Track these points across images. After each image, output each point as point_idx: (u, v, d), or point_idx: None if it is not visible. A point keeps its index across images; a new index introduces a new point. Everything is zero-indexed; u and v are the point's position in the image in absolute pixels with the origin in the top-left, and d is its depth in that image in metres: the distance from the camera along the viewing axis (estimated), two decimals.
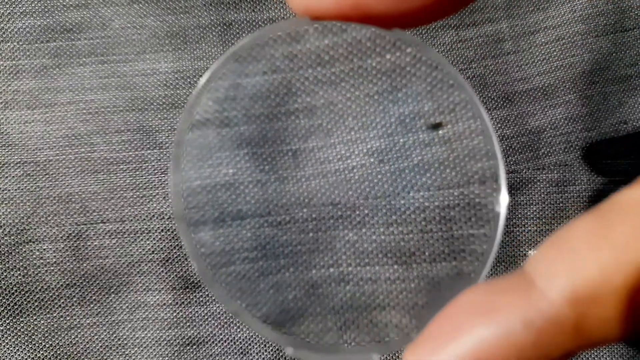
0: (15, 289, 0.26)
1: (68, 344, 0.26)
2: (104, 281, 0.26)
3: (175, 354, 0.26)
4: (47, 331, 0.26)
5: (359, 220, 0.19)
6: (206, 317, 0.26)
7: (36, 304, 0.26)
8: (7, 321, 0.26)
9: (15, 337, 0.26)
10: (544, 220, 0.27)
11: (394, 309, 0.18)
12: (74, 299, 0.26)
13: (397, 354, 0.23)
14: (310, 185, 0.20)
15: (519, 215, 0.27)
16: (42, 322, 0.26)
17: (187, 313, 0.26)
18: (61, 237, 0.26)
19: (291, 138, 0.21)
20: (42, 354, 0.26)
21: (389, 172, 0.19)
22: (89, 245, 0.26)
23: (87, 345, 0.26)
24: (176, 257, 0.26)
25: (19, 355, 0.26)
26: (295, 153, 0.22)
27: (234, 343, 0.26)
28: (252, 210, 0.19)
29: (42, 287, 0.26)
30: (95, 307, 0.26)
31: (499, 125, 0.27)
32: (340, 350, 0.16)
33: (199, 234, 0.19)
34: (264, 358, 0.26)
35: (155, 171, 0.27)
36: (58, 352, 0.26)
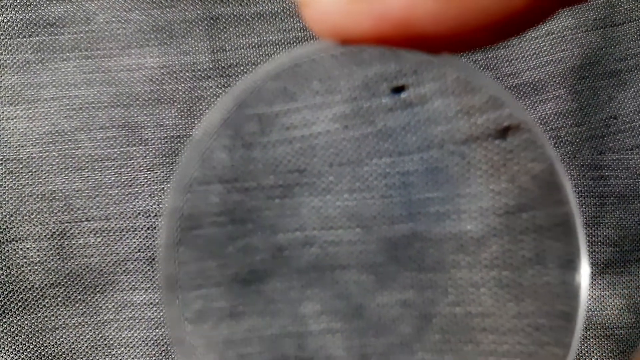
0: None
1: (53, 345, 0.25)
2: (89, 280, 0.26)
3: (163, 354, 0.25)
4: (31, 331, 0.25)
5: (324, 187, 0.19)
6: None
7: (20, 304, 0.25)
8: None
9: None
10: None
11: (354, 267, 0.19)
12: (59, 299, 0.25)
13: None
14: (277, 152, 0.21)
15: None
16: (26, 322, 0.25)
17: None
18: (45, 235, 0.26)
19: (256, 102, 0.21)
20: (27, 354, 0.25)
21: (353, 139, 0.19)
22: (74, 243, 0.26)
23: (73, 346, 0.25)
24: None
25: (2, 356, 0.25)
26: (261, 118, 0.22)
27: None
28: (218, 176, 0.20)
29: (25, 286, 0.25)
30: (81, 307, 0.25)
31: None
32: None
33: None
34: None
35: (141, 168, 0.26)
36: (43, 353, 0.25)
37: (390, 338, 0.19)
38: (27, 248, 0.25)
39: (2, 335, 0.25)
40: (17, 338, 0.25)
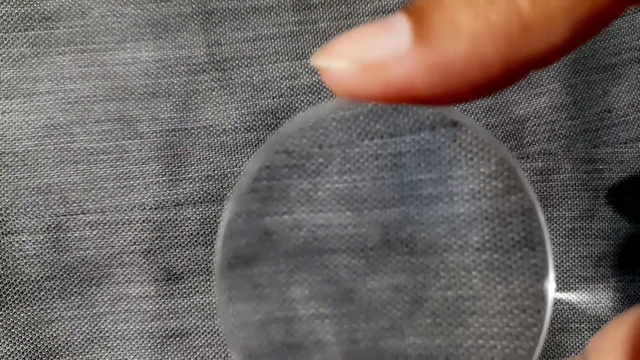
0: None
1: (48, 337, 0.25)
2: (84, 273, 0.26)
3: (158, 346, 0.26)
4: (26, 324, 0.25)
5: (313, 169, 0.19)
6: (189, 308, 0.26)
7: (15, 296, 0.25)
8: None
9: None
10: None
11: (344, 252, 0.19)
12: (54, 292, 0.26)
13: None
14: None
15: None
16: (21, 315, 0.25)
17: (169, 305, 0.26)
18: (40, 228, 0.26)
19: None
20: (22, 347, 0.25)
21: (343, 119, 0.19)
22: (69, 236, 0.26)
23: (68, 338, 0.25)
24: (158, 248, 0.26)
25: None
26: None
27: (217, 335, 0.26)
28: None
29: (21, 279, 0.25)
30: (76, 300, 0.26)
31: (483, 114, 0.27)
32: None
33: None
34: None
35: (136, 161, 0.26)
36: (38, 346, 0.25)
37: (380, 322, 0.19)
38: (23, 241, 0.26)
39: None
40: (12, 331, 0.25)
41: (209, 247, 0.26)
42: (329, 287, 0.19)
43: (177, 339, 0.26)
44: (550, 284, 0.16)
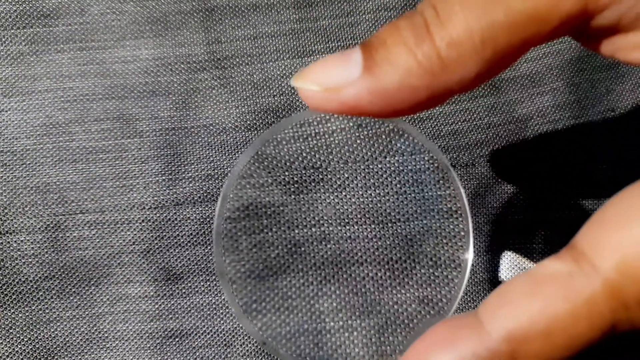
0: None
1: (47, 338, 0.25)
2: (83, 273, 0.25)
3: (157, 347, 0.25)
4: (25, 324, 0.25)
5: (340, 183, 0.20)
6: (188, 309, 0.25)
7: (14, 297, 0.25)
8: None
9: None
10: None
11: (370, 264, 0.20)
12: (53, 292, 0.25)
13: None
14: (292, 149, 0.22)
15: (506, 202, 0.26)
16: (20, 315, 0.25)
17: (168, 305, 0.26)
18: (39, 228, 0.25)
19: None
20: (21, 347, 0.25)
21: (367, 137, 0.21)
22: (68, 236, 0.25)
23: (67, 339, 0.25)
24: (157, 248, 0.26)
25: None
26: (276, 114, 0.23)
27: (217, 335, 0.25)
28: (234, 172, 0.20)
29: (20, 279, 0.25)
30: (75, 300, 0.25)
31: (486, 113, 0.27)
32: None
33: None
34: (247, 350, 0.25)
35: (135, 160, 0.26)
36: (37, 346, 0.25)
37: (408, 335, 0.19)
38: (21, 241, 0.25)
39: None
40: (11, 331, 0.25)
41: (209, 247, 0.26)
42: (356, 299, 0.20)
43: (177, 339, 0.25)
44: (470, 254, 0.18)
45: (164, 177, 0.26)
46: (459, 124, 0.27)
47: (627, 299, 0.14)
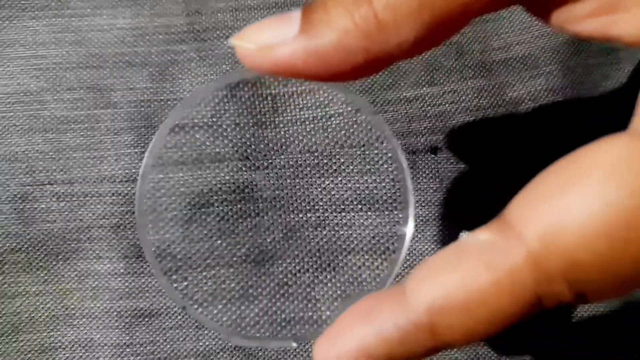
0: None
1: (12, 313, 0.24)
2: (51, 247, 0.25)
3: (126, 326, 0.24)
4: None
5: (335, 168, 0.20)
6: (160, 288, 0.25)
7: None
8: None
9: None
10: None
11: (367, 253, 0.20)
12: (19, 265, 0.24)
13: None
14: (288, 132, 0.21)
15: (488, 186, 0.25)
16: None
17: (139, 283, 0.25)
18: (5, 198, 0.25)
19: (271, 81, 0.23)
20: None
21: (364, 122, 0.20)
22: (35, 207, 0.25)
23: (32, 314, 0.24)
24: (128, 223, 0.25)
25: None
26: (275, 97, 0.23)
27: (189, 316, 0.24)
28: (230, 154, 0.20)
29: None
30: (42, 274, 0.25)
31: (475, 95, 0.26)
32: (265, 339, 0.19)
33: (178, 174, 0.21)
34: (218, 333, 0.24)
35: (108, 132, 0.25)
36: (1, 321, 0.24)
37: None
38: None
39: None
40: None
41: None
42: (352, 288, 0.19)
43: (147, 319, 0.25)
44: (409, 227, 0.18)
45: (136, 150, 0.25)
46: (446, 105, 0.26)
47: (551, 270, 0.14)
